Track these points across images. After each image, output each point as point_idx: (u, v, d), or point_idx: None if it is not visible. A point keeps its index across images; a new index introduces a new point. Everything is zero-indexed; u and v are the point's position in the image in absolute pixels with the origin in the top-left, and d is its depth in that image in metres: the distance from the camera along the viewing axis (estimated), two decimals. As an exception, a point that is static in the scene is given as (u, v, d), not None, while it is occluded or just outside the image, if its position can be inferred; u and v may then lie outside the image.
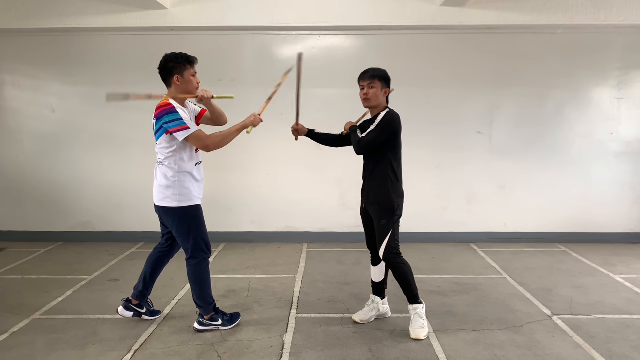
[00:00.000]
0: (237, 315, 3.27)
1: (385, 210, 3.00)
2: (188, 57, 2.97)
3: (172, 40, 5.12)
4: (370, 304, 3.33)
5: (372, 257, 3.30)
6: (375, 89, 2.98)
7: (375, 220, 3.07)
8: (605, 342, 3.00)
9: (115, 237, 5.45)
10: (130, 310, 3.30)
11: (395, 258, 3.04)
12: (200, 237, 3.04)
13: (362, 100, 3.05)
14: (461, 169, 5.35)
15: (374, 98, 2.99)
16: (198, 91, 3.01)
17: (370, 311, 3.30)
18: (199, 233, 3.03)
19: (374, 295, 3.33)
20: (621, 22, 4.80)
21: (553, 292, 3.87)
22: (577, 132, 5.29)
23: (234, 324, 3.20)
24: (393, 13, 4.84)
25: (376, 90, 2.98)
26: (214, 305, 3.16)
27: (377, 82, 2.98)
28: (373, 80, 2.98)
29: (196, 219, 3.02)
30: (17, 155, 5.44)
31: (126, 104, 5.25)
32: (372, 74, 3.00)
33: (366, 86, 3.00)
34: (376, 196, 3.03)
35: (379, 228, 3.03)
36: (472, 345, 2.97)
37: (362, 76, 3.04)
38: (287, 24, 4.95)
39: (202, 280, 3.08)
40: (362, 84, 3.03)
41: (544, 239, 5.40)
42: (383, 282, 3.30)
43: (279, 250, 5.15)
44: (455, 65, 5.18)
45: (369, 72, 3.02)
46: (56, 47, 5.22)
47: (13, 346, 2.97)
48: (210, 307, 3.13)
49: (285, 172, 5.39)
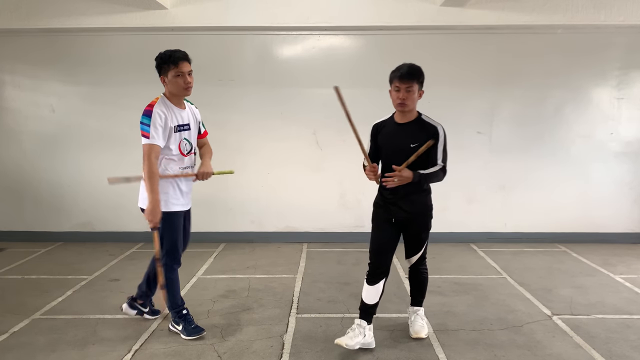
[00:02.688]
0: (200, 330, 3.06)
1: (429, 220, 2.92)
2: (171, 56, 2.81)
3: (172, 40, 5.10)
4: (355, 329, 2.84)
5: (374, 274, 2.84)
6: (413, 92, 2.65)
7: (414, 232, 2.90)
8: (605, 342, 3.00)
9: (115, 237, 5.44)
10: (134, 308, 3.32)
11: (424, 264, 3.04)
12: (170, 245, 3.00)
13: (397, 104, 2.69)
14: (461, 168, 5.34)
15: (411, 103, 2.68)
16: (198, 172, 3.02)
17: (355, 336, 2.81)
18: (170, 241, 3.00)
19: (360, 320, 2.87)
20: (621, 22, 4.80)
21: (553, 292, 3.87)
22: (577, 132, 5.29)
23: (193, 336, 3.02)
24: (393, 13, 4.84)
25: (414, 94, 2.66)
26: (179, 310, 3.08)
27: (416, 86, 2.65)
28: (412, 83, 2.63)
29: (169, 225, 2.96)
30: (17, 155, 5.43)
31: (126, 104, 5.25)
32: (413, 76, 2.63)
33: (403, 89, 2.64)
34: (423, 207, 2.86)
35: (419, 239, 2.92)
36: (472, 345, 2.97)
37: (401, 77, 2.63)
38: (287, 24, 4.95)
39: (169, 285, 3.01)
40: (399, 85, 2.65)
41: (544, 239, 5.40)
42: (375, 305, 2.88)
43: (279, 250, 5.15)
44: (455, 65, 5.18)
45: (410, 73, 2.63)
46: (56, 47, 5.22)
47: (13, 346, 2.97)
48: (175, 311, 3.09)
49: (285, 172, 5.39)
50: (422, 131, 2.70)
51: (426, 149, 2.62)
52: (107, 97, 5.27)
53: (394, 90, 2.68)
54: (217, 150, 5.29)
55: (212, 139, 5.62)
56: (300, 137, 5.29)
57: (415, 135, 2.68)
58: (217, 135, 5.31)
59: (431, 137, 2.65)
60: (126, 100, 5.26)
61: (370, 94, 5.21)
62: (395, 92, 2.67)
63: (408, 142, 2.70)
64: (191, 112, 3.11)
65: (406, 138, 2.70)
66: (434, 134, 2.68)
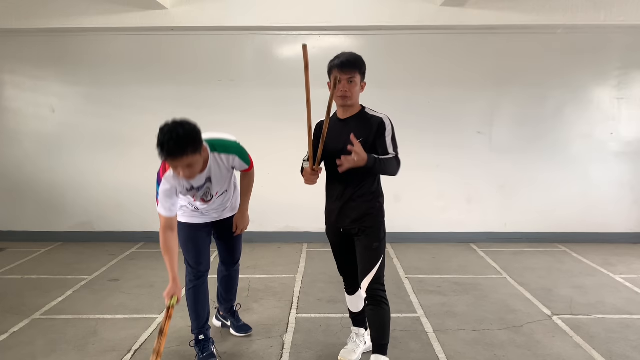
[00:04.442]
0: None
1: (381, 228, 2.50)
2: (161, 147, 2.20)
3: (172, 40, 5.13)
4: (355, 338, 2.80)
5: (347, 285, 2.73)
6: (355, 84, 2.38)
7: (362, 245, 2.49)
8: (605, 342, 3.00)
9: (115, 237, 5.44)
10: (219, 320, 3.23)
11: (380, 292, 2.47)
12: (185, 259, 2.74)
13: (338, 97, 2.39)
14: (461, 168, 5.35)
15: (355, 95, 2.41)
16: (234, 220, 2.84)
17: (356, 347, 2.76)
18: (184, 254, 2.75)
19: (356, 328, 2.80)
20: (621, 22, 4.80)
21: (553, 292, 3.87)
22: (577, 132, 5.29)
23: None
24: (393, 13, 4.84)
25: (356, 86, 2.39)
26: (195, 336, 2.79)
27: (358, 76, 2.38)
28: (354, 74, 2.36)
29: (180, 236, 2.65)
30: (17, 155, 5.43)
31: (126, 103, 5.26)
32: (355, 65, 2.36)
33: (345, 80, 2.35)
34: (367, 215, 2.46)
35: (368, 253, 2.46)
36: (472, 345, 2.97)
37: (342, 67, 2.34)
38: (287, 24, 4.95)
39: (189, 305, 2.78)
40: (340, 76, 2.34)
41: (544, 239, 5.40)
42: (363, 311, 2.71)
43: (279, 250, 5.15)
44: (455, 65, 5.18)
45: (351, 62, 2.36)
46: (56, 47, 5.22)
47: (13, 346, 2.97)
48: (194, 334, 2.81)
49: (285, 172, 5.37)
50: (366, 125, 2.41)
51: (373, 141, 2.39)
52: (107, 97, 5.27)
53: (334, 81, 2.34)
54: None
55: (212, 139, 5.56)
56: (301, 137, 5.26)
57: (360, 130, 2.37)
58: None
59: (377, 129, 2.39)
60: (126, 100, 5.27)
61: (370, 94, 5.20)
62: (335, 82, 2.33)
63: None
64: (217, 166, 2.59)
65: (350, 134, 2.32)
66: (379, 125, 2.39)
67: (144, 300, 3.71)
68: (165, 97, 5.19)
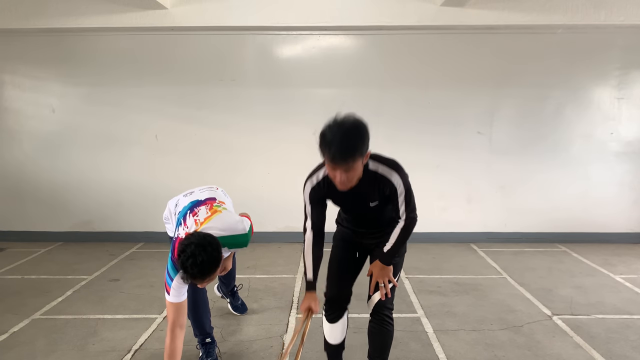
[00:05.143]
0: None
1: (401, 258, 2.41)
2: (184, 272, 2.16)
3: (172, 40, 5.12)
4: None
5: (331, 308, 2.48)
6: (355, 170, 1.96)
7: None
8: (606, 342, 3.00)
9: (115, 237, 5.44)
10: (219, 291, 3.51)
11: (387, 310, 2.34)
12: None
13: (338, 184, 2.00)
14: (461, 169, 5.35)
15: (357, 177, 2.03)
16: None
17: None
18: None
19: None
20: (621, 22, 4.80)
21: (553, 292, 3.87)
22: (577, 132, 5.29)
23: None
24: (393, 13, 4.84)
25: (357, 170, 1.98)
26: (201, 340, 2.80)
27: (358, 159, 1.93)
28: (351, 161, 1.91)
29: None
30: (17, 155, 5.43)
31: (126, 104, 5.26)
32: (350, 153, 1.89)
33: (340, 171, 1.93)
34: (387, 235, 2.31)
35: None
36: (472, 345, 2.97)
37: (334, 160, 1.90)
38: (287, 24, 4.94)
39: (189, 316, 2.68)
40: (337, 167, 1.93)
41: (544, 239, 5.40)
42: (343, 343, 2.54)
43: (279, 250, 5.15)
44: (455, 65, 5.17)
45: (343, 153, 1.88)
46: (56, 47, 5.22)
47: (13, 346, 2.97)
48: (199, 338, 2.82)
49: (285, 172, 5.39)
50: (376, 188, 2.16)
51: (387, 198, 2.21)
52: (107, 97, 5.27)
53: (330, 169, 1.98)
54: (218, 150, 5.32)
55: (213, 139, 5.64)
56: (300, 137, 5.28)
57: (370, 194, 2.18)
58: (218, 135, 5.34)
59: (388, 192, 2.17)
60: (126, 100, 5.26)
61: (370, 94, 5.23)
62: (331, 170, 1.97)
63: (366, 203, 2.22)
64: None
65: (362, 200, 2.18)
66: (390, 190, 2.16)
67: (144, 300, 3.71)
68: (165, 97, 5.20)
